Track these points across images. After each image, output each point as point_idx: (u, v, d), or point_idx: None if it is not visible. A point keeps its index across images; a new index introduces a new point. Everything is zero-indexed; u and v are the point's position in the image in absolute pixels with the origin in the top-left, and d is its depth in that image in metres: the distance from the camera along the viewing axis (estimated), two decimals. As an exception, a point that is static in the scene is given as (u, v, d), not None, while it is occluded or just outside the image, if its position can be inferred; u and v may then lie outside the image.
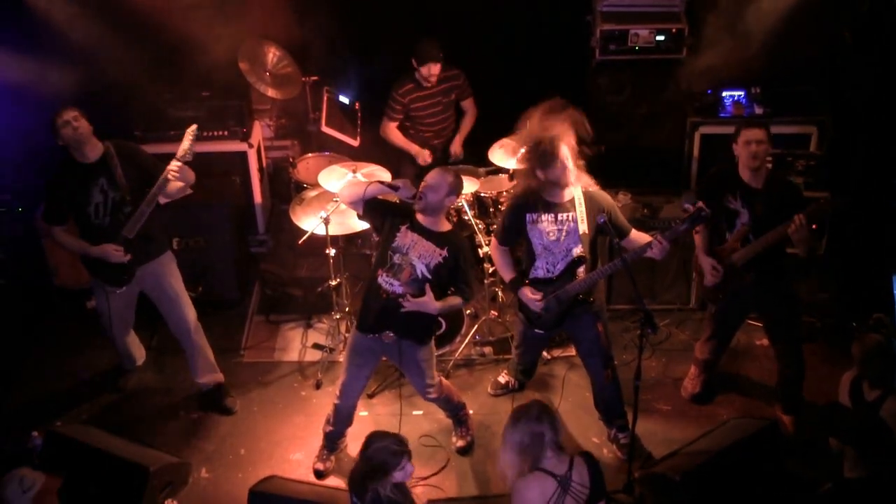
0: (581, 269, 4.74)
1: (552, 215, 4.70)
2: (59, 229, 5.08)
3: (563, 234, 4.70)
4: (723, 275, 4.93)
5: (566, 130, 4.59)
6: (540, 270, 4.80)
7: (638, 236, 4.77)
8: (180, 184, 5.02)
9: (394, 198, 4.80)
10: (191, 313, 5.35)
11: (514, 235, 4.84)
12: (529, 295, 4.78)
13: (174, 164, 4.90)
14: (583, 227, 4.69)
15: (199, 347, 5.42)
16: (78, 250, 5.08)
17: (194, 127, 5.02)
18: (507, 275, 4.91)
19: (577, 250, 4.72)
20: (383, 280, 4.61)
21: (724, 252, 4.94)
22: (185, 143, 4.96)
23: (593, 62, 6.58)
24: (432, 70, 6.12)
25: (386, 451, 3.78)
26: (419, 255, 4.57)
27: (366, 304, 4.75)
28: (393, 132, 6.42)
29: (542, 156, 4.57)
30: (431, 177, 4.59)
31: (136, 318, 5.49)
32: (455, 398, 5.15)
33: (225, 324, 6.17)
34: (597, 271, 4.73)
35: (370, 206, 4.69)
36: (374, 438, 3.85)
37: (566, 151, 4.55)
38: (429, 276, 4.57)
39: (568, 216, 4.70)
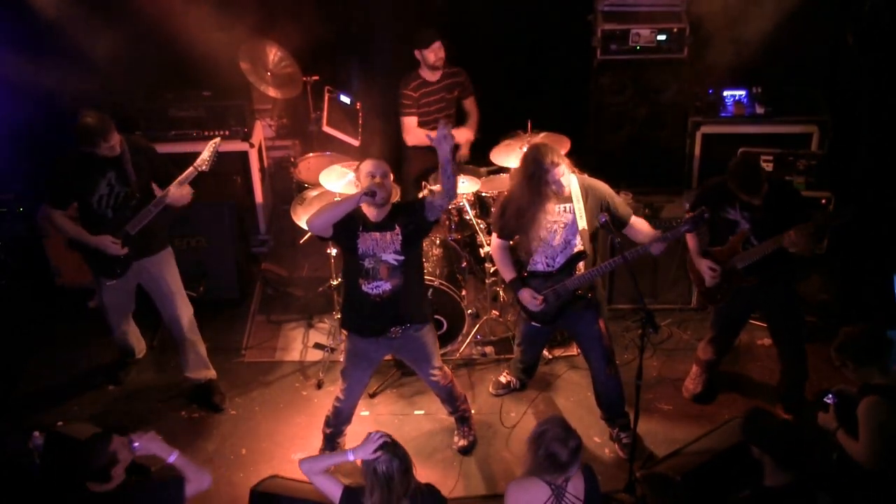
0: (581, 265, 4.76)
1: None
2: (58, 213, 5.03)
3: (561, 226, 4.72)
4: (722, 276, 4.92)
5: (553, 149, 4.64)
6: (539, 265, 4.81)
7: (638, 223, 4.81)
8: (185, 194, 5.00)
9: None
10: (185, 309, 5.35)
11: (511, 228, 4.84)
12: (529, 298, 4.80)
13: (175, 184, 4.94)
14: (582, 223, 4.69)
15: (192, 343, 5.42)
16: (75, 236, 5.05)
17: (217, 140, 5.04)
18: (508, 274, 4.91)
19: (577, 244, 4.73)
20: (368, 288, 4.57)
21: (724, 254, 4.92)
22: (206, 153, 4.98)
23: (595, 62, 6.57)
24: (439, 54, 5.93)
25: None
26: (383, 249, 4.52)
27: (359, 316, 4.71)
28: (415, 128, 6.12)
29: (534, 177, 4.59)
30: (378, 168, 4.45)
31: (139, 318, 5.51)
32: (457, 389, 5.13)
33: (226, 324, 6.17)
34: (597, 268, 4.74)
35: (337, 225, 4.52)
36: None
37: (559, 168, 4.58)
38: (402, 258, 4.53)
39: (564, 208, 4.71)
